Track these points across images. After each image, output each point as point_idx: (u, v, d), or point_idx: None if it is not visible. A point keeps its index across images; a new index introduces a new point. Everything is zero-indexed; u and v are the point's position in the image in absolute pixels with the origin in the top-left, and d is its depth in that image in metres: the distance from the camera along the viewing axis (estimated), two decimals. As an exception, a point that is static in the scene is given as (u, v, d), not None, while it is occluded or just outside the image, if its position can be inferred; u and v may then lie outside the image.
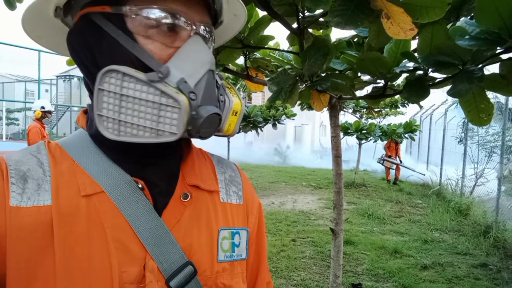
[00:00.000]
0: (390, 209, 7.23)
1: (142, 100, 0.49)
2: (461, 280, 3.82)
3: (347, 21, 1.02)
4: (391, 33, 1.00)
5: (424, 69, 1.34)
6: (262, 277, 0.72)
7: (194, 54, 0.53)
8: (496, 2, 0.95)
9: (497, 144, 6.90)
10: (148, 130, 0.50)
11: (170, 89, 0.49)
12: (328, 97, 1.70)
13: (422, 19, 1.08)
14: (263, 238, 0.73)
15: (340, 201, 2.03)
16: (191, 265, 0.55)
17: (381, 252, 4.58)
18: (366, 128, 9.60)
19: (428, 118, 12.87)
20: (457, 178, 8.19)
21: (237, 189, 0.69)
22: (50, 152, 0.57)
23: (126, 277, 0.51)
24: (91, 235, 0.51)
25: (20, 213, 0.49)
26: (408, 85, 1.38)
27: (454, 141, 9.93)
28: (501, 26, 0.99)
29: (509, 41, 0.98)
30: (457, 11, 1.29)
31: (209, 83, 0.54)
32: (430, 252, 4.71)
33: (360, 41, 1.74)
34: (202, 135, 0.53)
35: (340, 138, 1.99)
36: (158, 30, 0.53)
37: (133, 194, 0.55)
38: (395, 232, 5.64)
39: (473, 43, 1.06)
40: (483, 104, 1.34)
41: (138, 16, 0.52)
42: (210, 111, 0.52)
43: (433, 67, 1.27)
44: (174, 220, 0.57)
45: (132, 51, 0.52)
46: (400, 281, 3.67)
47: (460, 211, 6.65)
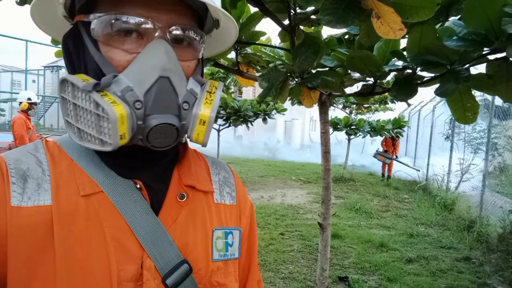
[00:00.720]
0: (377, 203, 7.33)
1: (84, 109, 0.50)
2: (444, 273, 3.91)
3: (338, 20, 1.03)
4: (380, 33, 1.01)
5: (413, 68, 1.36)
6: (252, 275, 0.73)
7: (146, 60, 0.51)
8: (484, 5, 0.97)
9: (483, 141, 7.03)
10: (95, 138, 0.51)
11: (106, 99, 0.49)
12: (318, 93, 1.72)
13: (411, 18, 1.10)
14: (255, 238, 0.75)
15: (328, 196, 2.06)
16: (186, 263, 0.56)
17: (367, 246, 4.66)
18: (355, 124, 9.68)
19: (417, 114, 13.03)
20: (443, 173, 8.34)
21: (230, 190, 0.70)
22: (49, 151, 0.58)
23: (124, 275, 0.52)
24: (90, 234, 0.52)
25: (21, 213, 0.50)
26: (396, 83, 1.40)
27: (442, 137, 10.07)
28: (488, 28, 1.01)
29: (495, 42, 1.00)
30: (446, 11, 1.31)
31: (161, 91, 0.51)
32: (415, 246, 4.81)
33: (351, 39, 1.76)
34: (154, 145, 0.52)
35: (329, 134, 2.01)
36: (117, 37, 0.52)
37: (131, 194, 0.56)
38: (381, 226, 5.73)
39: (461, 44, 1.08)
40: (469, 103, 1.37)
41: (99, 23, 0.52)
42: (159, 122, 0.50)
43: (422, 66, 1.30)
44: (171, 219, 0.58)
45: (95, 59, 0.53)
46: (386, 274, 3.75)
47: (445, 206, 6.77)
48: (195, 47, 0.57)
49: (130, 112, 0.49)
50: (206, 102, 0.55)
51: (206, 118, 0.54)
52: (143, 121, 0.51)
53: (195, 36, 0.56)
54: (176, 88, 0.53)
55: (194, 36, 0.56)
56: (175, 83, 0.53)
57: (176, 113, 0.53)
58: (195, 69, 0.59)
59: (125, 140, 0.50)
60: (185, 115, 0.54)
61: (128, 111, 0.49)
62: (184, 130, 0.55)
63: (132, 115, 0.50)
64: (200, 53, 0.59)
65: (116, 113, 0.48)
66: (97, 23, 0.53)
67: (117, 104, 0.49)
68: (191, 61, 0.58)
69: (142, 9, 0.52)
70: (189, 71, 0.57)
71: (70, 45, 0.57)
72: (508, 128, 6.91)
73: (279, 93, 1.40)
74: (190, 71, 0.58)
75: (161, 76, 0.51)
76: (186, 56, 0.56)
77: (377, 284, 3.56)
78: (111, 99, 0.49)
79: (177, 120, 0.53)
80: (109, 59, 0.53)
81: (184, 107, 0.54)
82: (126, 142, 0.51)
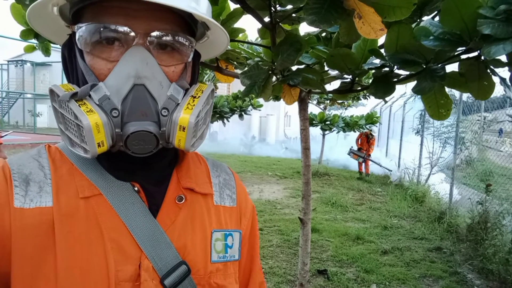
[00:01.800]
0: (352, 197, 7.50)
1: (67, 118, 0.52)
2: (418, 263, 4.06)
3: (321, 20, 1.05)
4: (362, 33, 1.04)
5: (390, 66, 1.40)
6: (254, 278, 0.74)
7: (122, 68, 0.52)
8: (459, 6, 1.01)
9: (451, 135, 7.32)
10: (79, 146, 0.52)
11: (82, 108, 0.50)
12: (299, 91, 1.74)
13: (389, 18, 1.13)
14: (256, 240, 0.75)
15: (308, 191, 2.09)
16: (185, 264, 0.57)
17: (344, 239, 4.76)
18: (330, 119, 9.84)
19: (388, 110, 13.37)
20: (414, 167, 8.62)
21: (230, 192, 0.71)
22: (50, 156, 0.60)
23: (121, 276, 0.53)
24: (89, 235, 0.53)
25: (23, 214, 0.52)
26: (375, 81, 1.44)
27: (412, 132, 10.40)
28: (463, 28, 1.05)
29: (470, 42, 1.05)
30: (421, 11, 1.35)
31: (137, 98, 0.52)
32: (389, 237, 4.96)
33: (328, 36, 1.78)
34: (134, 152, 0.53)
35: (309, 131, 2.04)
36: (99, 46, 0.53)
37: (129, 197, 0.57)
38: (357, 219, 5.87)
39: (437, 43, 1.12)
40: (443, 100, 1.42)
41: (81, 33, 0.54)
42: (136, 129, 0.51)
43: (399, 64, 1.33)
44: (169, 221, 0.59)
45: (81, 67, 0.55)
46: (363, 266, 3.85)
47: (417, 198, 7.03)
48: (181, 51, 0.57)
49: (107, 120, 0.51)
50: (187, 108, 0.55)
51: (185, 124, 0.54)
52: (120, 128, 0.52)
53: (179, 40, 0.56)
54: (154, 95, 0.53)
55: (178, 40, 0.56)
56: (152, 90, 0.53)
57: (154, 120, 0.53)
58: (181, 73, 0.59)
59: (103, 147, 0.51)
60: (165, 121, 0.54)
61: (105, 119, 0.51)
62: (164, 137, 0.55)
63: (109, 123, 0.51)
64: (188, 57, 0.59)
65: (90, 121, 0.49)
66: (80, 33, 0.54)
67: (93, 112, 0.50)
68: (175, 66, 0.57)
69: (120, 17, 0.53)
70: (173, 76, 0.57)
71: (66, 55, 0.59)
72: (474, 122, 7.23)
73: (262, 90, 1.41)
74: (175, 76, 0.57)
75: (135, 84, 0.52)
76: (170, 61, 0.56)
77: (355, 276, 3.66)
78: (88, 107, 0.51)
79: (155, 127, 0.53)
80: (91, 68, 0.54)
81: (163, 113, 0.54)
82: (106, 150, 0.52)
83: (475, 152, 7.89)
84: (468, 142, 7.48)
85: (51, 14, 0.56)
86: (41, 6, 0.55)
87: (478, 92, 1.28)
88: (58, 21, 0.58)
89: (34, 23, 0.60)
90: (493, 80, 1.23)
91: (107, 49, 0.53)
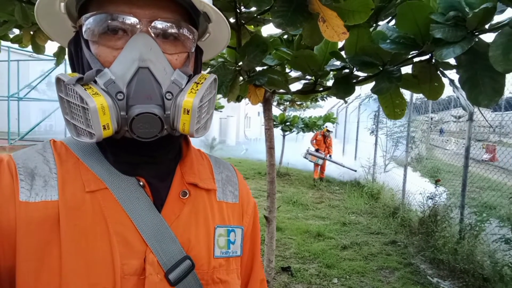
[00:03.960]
0: (312, 196, 7.69)
1: (74, 104, 0.53)
2: (375, 257, 4.25)
3: (288, 22, 1.09)
4: (326, 36, 1.09)
5: (350, 67, 1.47)
6: (255, 275, 0.74)
7: (127, 53, 0.53)
8: (414, 11, 1.08)
9: (402, 134, 7.73)
10: (85, 131, 0.53)
11: (88, 91, 0.51)
12: (263, 91, 1.77)
13: (349, 21, 1.19)
14: (258, 237, 0.76)
15: (273, 190, 2.13)
16: (189, 259, 0.58)
17: (306, 236, 4.88)
18: (290, 120, 10.02)
19: (344, 111, 13.84)
20: (369, 165, 8.99)
21: (233, 188, 0.72)
22: (56, 151, 0.59)
23: (127, 269, 0.53)
24: (94, 228, 0.53)
25: (29, 208, 0.52)
26: (336, 82, 1.50)
27: (367, 132, 10.84)
28: (417, 33, 1.13)
29: (423, 46, 1.13)
30: (376, 17, 1.44)
31: (142, 81, 0.53)
32: (348, 233, 5.15)
33: (290, 39, 1.84)
34: (139, 136, 0.53)
35: (273, 130, 2.08)
36: (104, 35, 0.55)
37: (135, 191, 0.57)
38: (317, 217, 6.03)
39: (394, 46, 1.20)
40: (398, 100, 1.52)
41: (87, 24, 0.55)
42: (140, 111, 0.52)
43: (358, 66, 1.41)
44: (174, 216, 0.59)
45: (87, 57, 0.56)
46: (324, 261, 3.97)
47: (372, 195, 7.35)
48: (183, 41, 0.58)
49: (112, 103, 0.52)
50: (190, 92, 0.56)
51: (189, 107, 0.54)
52: (126, 111, 0.53)
53: (181, 29, 0.57)
54: (158, 78, 0.54)
55: (180, 30, 0.57)
56: (156, 73, 0.54)
57: (159, 103, 0.54)
58: (184, 62, 0.60)
59: (109, 131, 0.52)
60: (169, 105, 0.55)
61: (110, 102, 0.51)
62: (169, 121, 0.55)
63: (115, 106, 0.52)
64: (190, 47, 0.60)
65: (96, 103, 0.50)
66: (85, 24, 0.55)
67: (98, 95, 0.51)
68: (178, 54, 0.58)
69: (124, 6, 0.54)
70: (177, 64, 0.58)
71: (72, 49, 0.60)
72: (423, 123, 7.69)
73: (230, 90, 1.43)
74: (178, 64, 0.58)
75: (140, 66, 0.53)
76: (173, 50, 0.57)
77: (317, 272, 3.76)
78: (94, 91, 0.52)
79: (160, 110, 0.54)
80: (97, 56, 0.55)
81: (167, 97, 0.55)
82: (111, 133, 0.53)
83: (424, 150, 8.37)
84: (418, 141, 7.93)
85: (58, 13, 0.57)
86: (49, 2, 0.56)
87: (430, 93, 1.38)
88: (65, 21, 0.59)
89: (42, 22, 0.60)
90: (443, 81, 1.34)
91: (112, 38, 0.54)
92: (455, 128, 12.70)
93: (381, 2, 1.39)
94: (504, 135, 11.01)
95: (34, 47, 2.22)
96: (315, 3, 1.10)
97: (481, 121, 7.15)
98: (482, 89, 0.99)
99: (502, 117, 7.49)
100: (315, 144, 9.65)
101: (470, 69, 1.03)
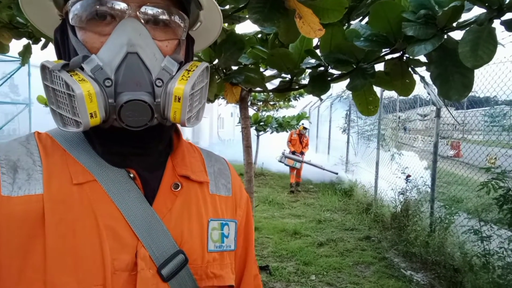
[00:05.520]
0: (287, 195, 7.76)
1: (60, 92, 0.50)
2: (351, 252, 4.35)
3: (265, 18, 1.09)
4: (303, 32, 1.10)
5: (325, 65, 1.49)
6: (249, 269, 0.72)
7: (115, 39, 0.51)
8: (386, 10, 1.12)
9: (373, 133, 7.93)
10: (71, 120, 0.51)
11: (75, 78, 0.49)
12: (240, 89, 1.77)
13: (323, 20, 1.21)
14: (251, 231, 0.74)
15: (251, 188, 2.14)
16: (182, 253, 0.56)
17: (283, 235, 4.92)
18: (264, 120, 10.06)
19: (316, 110, 14.06)
20: (342, 162, 9.17)
21: (226, 181, 0.70)
22: (41, 142, 0.56)
23: (117, 265, 0.51)
24: (83, 222, 0.50)
25: (11, 202, 0.49)
26: (312, 80, 1.52)
27: (339, 130, 11.04)
28: (389, 31, 1.16)
29: (395, 43, 1.17)
30: (348, 16, 1.47)
31: (130, 67, 0.51)
32: (324, 230, 5.24)
33: (264, 38, 1.85)
34: (128, 124, 0.51)
35: (250, 129, 2.08)
36: (91, 20, 0.53)
37: (125, 183, 0.55)
38: (293, 215, 6.10)
39: (367, 44, 1.22)
40: (371, 97, 1.55)
41: (74, 10, 0.53)
42: (129, 98, 0.50)
43: (333, 63, 1.43)
44: (166, 209, 0.57)
45: (73, 43, 0.54)
46: (302, 259, 4.02)
47: (346, 192, 7.50)
48: (174, 27, 0.57)
49: (99, 90, 0.49)
50: (182, 79, 0.54)
51: (180, 94, 0.52)
52: (114, 99, 0.50)
53: (172, 16, 0.56)
54: (147, 64, 0.53)
55: (171, 16, 0.55)
56: (145, 59, 0.52)
57: (149, 91, 0.52)
58: (175, 50, 0.58)
59: (96, 119, 0.50)
60: (159, 92, 0.53)
61: (98, 89, 0.49)
62: (159, 109, 0.53)
63: (102, 93, 0.50)
64: (181, 34, 0.58)
65: (82, 89, 0.48)
66: (72, 10, 0.53)
67: (85, 81, 0.49)
68: (169, 41, 0.56)
69: None
70: (167, 51, 0.56)
71: (58, 37, 0.57)
72: (392, 121, 7.93)
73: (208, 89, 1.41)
74: (169, 51, 0.56)
75: (128, 51, 0.51)
76: (163, 36, 0.56)
77: (295, 269, 3.80)
78: (80, 77, 0.49)
79: (150, 97, 0.52)
80: (83, 42, 0.53)
81: (158, 84, 0.53)
82: (99, 122, 0.50)
83: (393, 148, 8.61)
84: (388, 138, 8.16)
85: (44, 1, 0.55)
86: None
87: (402, 89, 1.42)
88: (51, 9, 0.57)
89: (27, 10, 0.57)
90: (414, 78, 1.38)
91: (100, 23, 0.52)
92: (421, 126, 13.17)
93: (353, 2, 1.42)
94: (468, 132, 11.52)
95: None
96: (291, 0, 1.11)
97: (445, 119, 7.45)
98: (453, 85, 1.03)
99: (464, 115, 7.81)
100: (291, 145, 8.74)
101: (441, 65, 1.07)
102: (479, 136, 8.70)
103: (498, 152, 4.31)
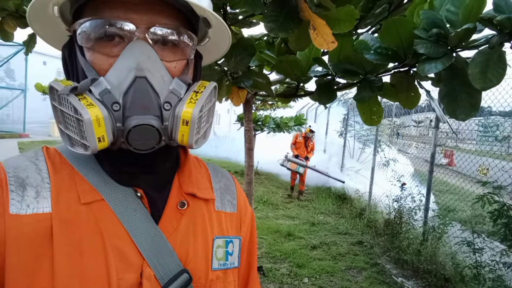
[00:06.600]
0: (282, 195, 7.78)
1: (68, 115, 0.50)
2: (343, 257, 4.38)
3: (280, 28, 1.11)
4: (317, 44, 1.11)
5: (332, 74, 1.51)
6: (252, 286, 0.73)
7: (124, 61, 0.51)
8: (398, 25, 1.13)
9: (370, 138, 7.97)
10: (79, 142, 0.51)
11: (83, 102, 0.49)
12: (246, 92, 1.78)
13: (334, 30, 1.22)
14: (255, 247, 0.74)
15: (251, 191, 2.15)
16: (186, 273, 0.56)
17: (276, 236, 4.94)
18: (261, 120, 10.05)
19: (313, 112, 14.07)
20: (338, 167, 9.19)
21: (231, 198, 0.70)
22: (49, 159, 0.56)
23: (123, 284, 0.51)
24: (90, 242, 0.51)
25: (19, 221, 0.49)
26: (319, 88, 1.54)
27: (336, 134, 11.06)
28: (399, 46, 1.18)
29: (405, 59, 1.19)
30: (357, 25, 1.49)
31: (138, 91, 0.51)
32: (317, 233, 5.27)
33: (270, 41, 1.86)
34: (136, 148, 0.51)
35: (252, 132, 2.10)
36: (99, 41, 0.52)
37: (132, 203, 0.55)
38: (287, 216, 6.12)
39: (378, 57, 1.24)
40: (375, 107, 1.57)
41: (81, 29, 0.53)
42: (137, 122, 0.50)
43: (341, 73, 1.45)
44: (172, 228, 0.58)
45: (81, 64, 0.54)
46: (295, 261, 4.04)
47: (340, 196, 7.53)
48: (182, 48, 0.56)
49: (108, 114, 0.49)
50: (190, 102, 0.54)
51: (188, 118, 0.52)
52: (122, 123, 0.50)
53: (181, 36, 0.55)
54: (156, 88, 0.52)
55: (180, 36, 0.55)
56: (154, 83, 0.52)
57: (157, 114, 0.52)
58: (183, 70, 0.58)
59: (104, 143, 0.50)
60: (167, 116, 0.53)
61: (106, 113, 0.49)
62: (167, 132, 0.53)
63: (110, 117, 0.50)
64: (190, 54, 0.58)
65: (90, 115, 0.48)
66: (80, 29, 0.52)
67: (93, 106, 0.49)
68: (177, 62, 0.56)
69: (120, 12, 0.52)
70: (175, 71, 0.56)
71: (66, 55, 0.57)
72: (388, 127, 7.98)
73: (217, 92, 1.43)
74: (177, 72, 0.56)
75: (137, 76, 0.51)
76: (171, 57, 0.55)
77: (288, 271, 3.82)
78: (88, 101, 0.49)
79: (158, 121, 0.52)
80: (91, 63, 0.53)
81: (166, 107, 0.53)
82: (106, 145, 0.50)
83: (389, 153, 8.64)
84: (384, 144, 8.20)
85: (51, 17, 0.54)
86: (42, 5, 0.52)
87: (406, 102, 1.44)
88: (59, 25, 0.57)
89: (34, 25, 0.57)
90: (420, 92, 1.40)
91: (108, 44, 0.52)
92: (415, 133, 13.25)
93: (361, 12, 1.43)
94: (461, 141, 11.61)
95: (2, 34, 2.12)
96: (306, 10, 1.12)
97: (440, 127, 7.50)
98: (460, 104, 1.05)
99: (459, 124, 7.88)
100: (295, 148, 8.05)
101: (449, 84, 1.09)
102: (474, 145, 8.77)
103: (492, 162, 4.36)
